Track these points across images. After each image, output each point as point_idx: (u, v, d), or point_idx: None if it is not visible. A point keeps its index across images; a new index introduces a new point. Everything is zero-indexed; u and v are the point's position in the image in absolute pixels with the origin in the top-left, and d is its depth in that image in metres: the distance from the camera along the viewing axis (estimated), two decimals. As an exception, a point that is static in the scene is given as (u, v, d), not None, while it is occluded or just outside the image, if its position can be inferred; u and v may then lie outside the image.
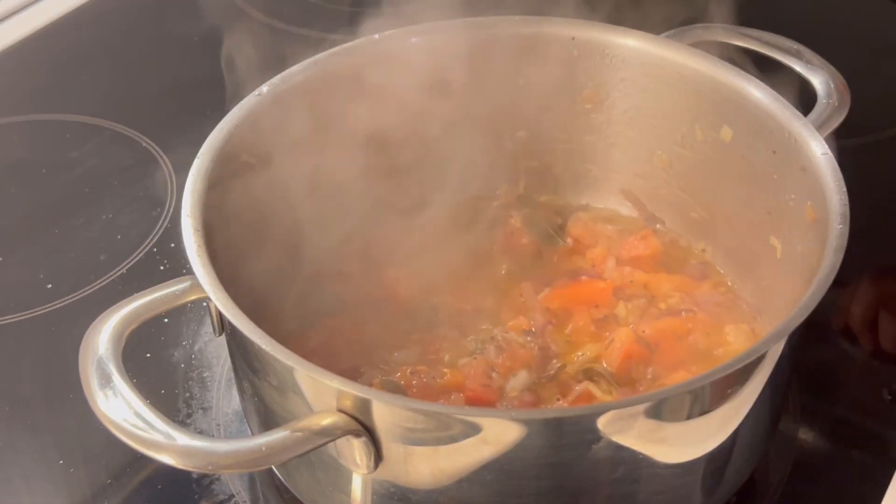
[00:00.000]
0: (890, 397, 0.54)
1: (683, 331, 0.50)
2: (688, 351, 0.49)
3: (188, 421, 0.55)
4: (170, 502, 0.51)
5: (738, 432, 0.43)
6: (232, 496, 0.51)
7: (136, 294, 0.44)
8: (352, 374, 0.48)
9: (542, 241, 0.56)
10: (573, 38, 0.55)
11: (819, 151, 0.47)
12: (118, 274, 0.64)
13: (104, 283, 0.64)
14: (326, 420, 0.39)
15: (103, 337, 0.41)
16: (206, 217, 0.46)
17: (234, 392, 0.55)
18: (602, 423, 0.38)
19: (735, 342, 0.49)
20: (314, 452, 0.39)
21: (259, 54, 0.53)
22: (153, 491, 0.52)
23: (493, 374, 0.48)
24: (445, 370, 0.48)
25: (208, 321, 0.58)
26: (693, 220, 0.56)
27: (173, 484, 0.52)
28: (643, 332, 0.50)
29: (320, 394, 0.39)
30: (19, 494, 0.53)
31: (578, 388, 0.47)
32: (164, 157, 0.74)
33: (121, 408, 0.39)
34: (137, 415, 0.38)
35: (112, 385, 0.39)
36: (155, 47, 0.89)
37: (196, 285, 0.43)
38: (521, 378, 0.48)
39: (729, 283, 0.54)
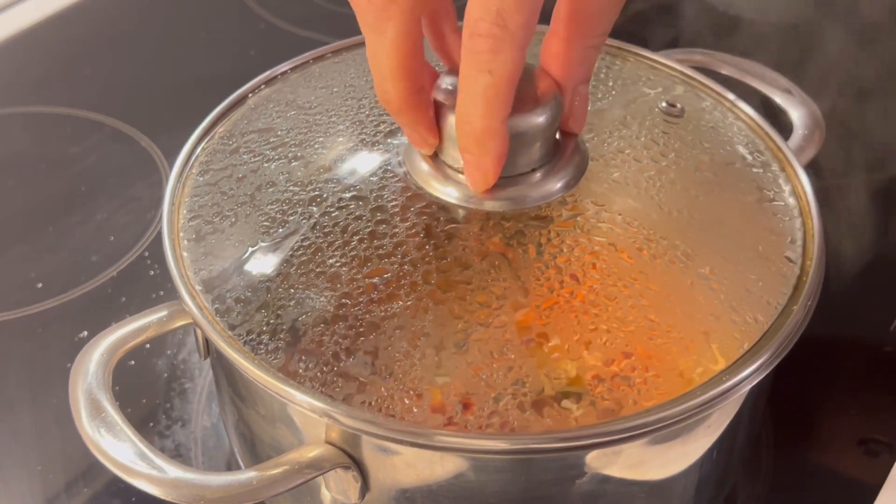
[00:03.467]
0: (863, 448, 0.55)
1: (658, 335, 0.50)
2: (668, 358, 0.50)
3: (167, 433, 0.55)
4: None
5: (717, 450, 0.44)
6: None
7: (123, 321, 0.44)
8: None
9: (515, 258, 0.56)
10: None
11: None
12: (108, 277, 0.64)
13: (94, 285, 0.63)
14: (314, 452, 0.39)
15: (93, 365, 0.41)
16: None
17: (214, 406, 0.55)
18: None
19: (714, 344, 0.50)
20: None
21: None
22: (128, 503, 0.52)
23: (473, 396, 0.49)
24: (426, 393, 0.48)
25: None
26: (663, 223, 0.55)
27: (149, 497, 0.52)
28: (622, 343, 0.50)
29: (309, 425, 0.40)
30: (-6, 499, 0.53)
31: (559, 406, 0.48)
32: (163, 158, 0.73)
33: (111, 437, 0.39)
34: (129, 445, 0.39)
35: (102, 415, 0.40)
36: (161, 43, 0.86)
37: (183, 311, 0.43)
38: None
39: (704, 285, 0.54)
